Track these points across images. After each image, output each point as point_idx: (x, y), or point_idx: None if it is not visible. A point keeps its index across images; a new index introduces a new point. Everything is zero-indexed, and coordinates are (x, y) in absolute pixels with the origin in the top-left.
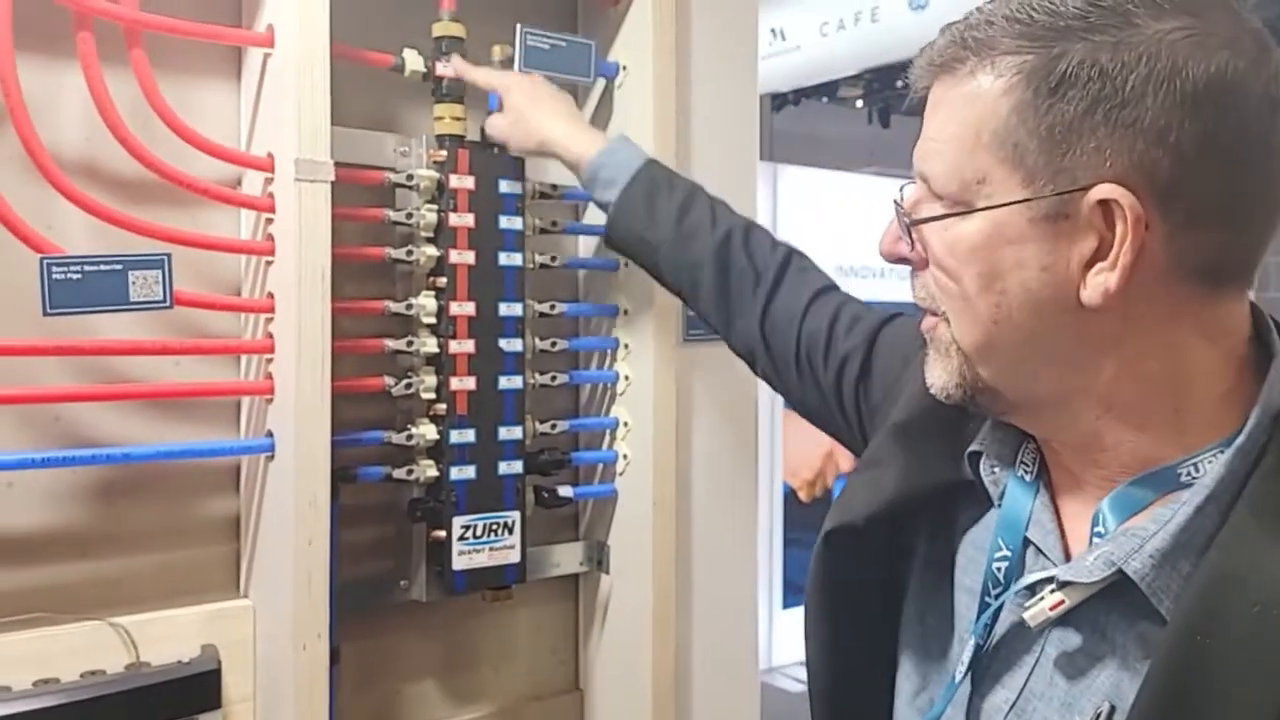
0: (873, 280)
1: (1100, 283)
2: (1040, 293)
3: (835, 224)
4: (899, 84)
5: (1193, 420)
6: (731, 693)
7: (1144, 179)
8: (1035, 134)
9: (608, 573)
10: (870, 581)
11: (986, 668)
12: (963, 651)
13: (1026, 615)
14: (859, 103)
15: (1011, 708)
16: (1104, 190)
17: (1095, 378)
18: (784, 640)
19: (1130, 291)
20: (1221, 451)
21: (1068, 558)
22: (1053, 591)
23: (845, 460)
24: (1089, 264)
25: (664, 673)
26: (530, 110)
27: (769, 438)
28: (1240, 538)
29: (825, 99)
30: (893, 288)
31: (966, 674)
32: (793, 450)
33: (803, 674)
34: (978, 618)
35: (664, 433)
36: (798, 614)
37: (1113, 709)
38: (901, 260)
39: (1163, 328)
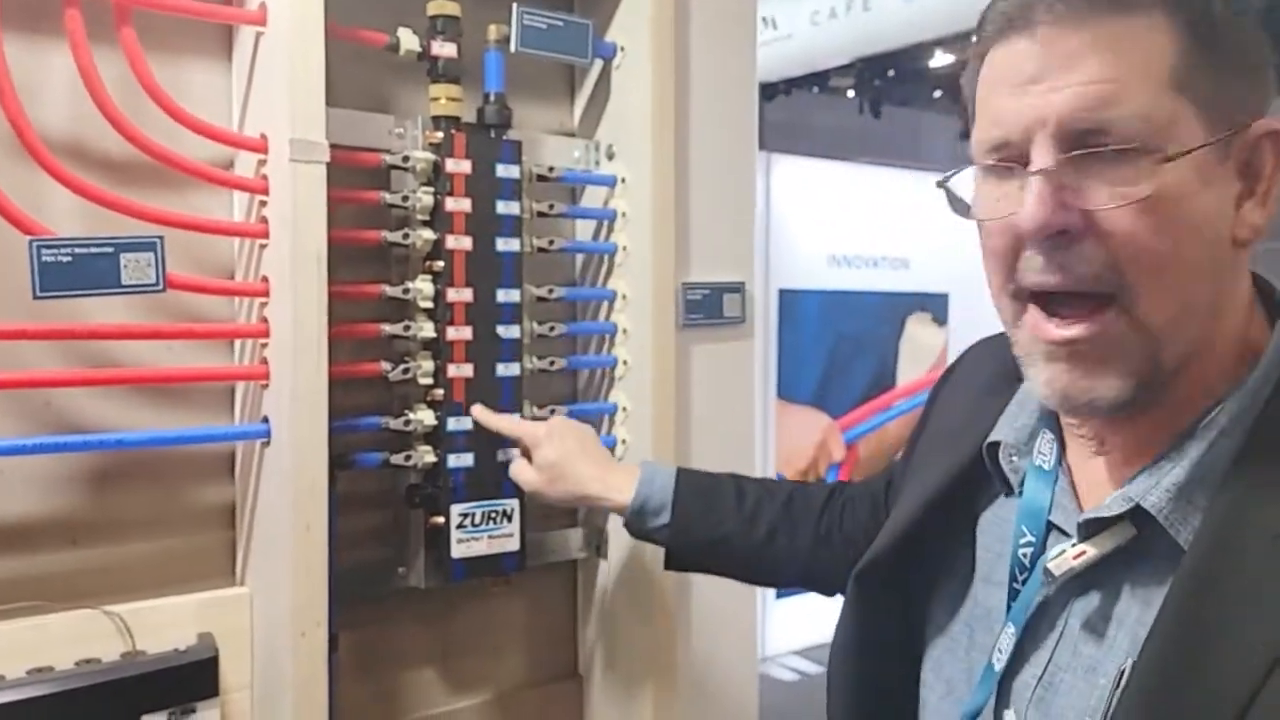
0: (865, 270)
1: (1253, 220)
2: (1217, 239)
3: (828, 213)
4: (890, 73)
5: (1217, 364)
6: (730, 679)
7: (1271, 110)
8: (1207, 74)
9: (606, 559)
10: (895, 613)
11: (1016, 649)
12: (999, 639)
13: (1051, 565)
14: (850, 92)
15: (1039, 682)
16: (1267, 124)
17: (1220, 328)
18: (777, 630)
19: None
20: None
21: None
22: (1075, 544)
23: (838, 450)
24: (1238, 203)
25: (663, 659)
26: (564, 466)
27: (762, 428)
28: (1255, 470)
29: (816, 89)
30: (884, 278)
31: (1007, 659)
32: (786, 440)
33: (797, 663)
34: (1008, 605)
35: (663, 418)
36: (791, 604)
37: (1134, 666)
38: (1060, 232)
39: (1246, 266)
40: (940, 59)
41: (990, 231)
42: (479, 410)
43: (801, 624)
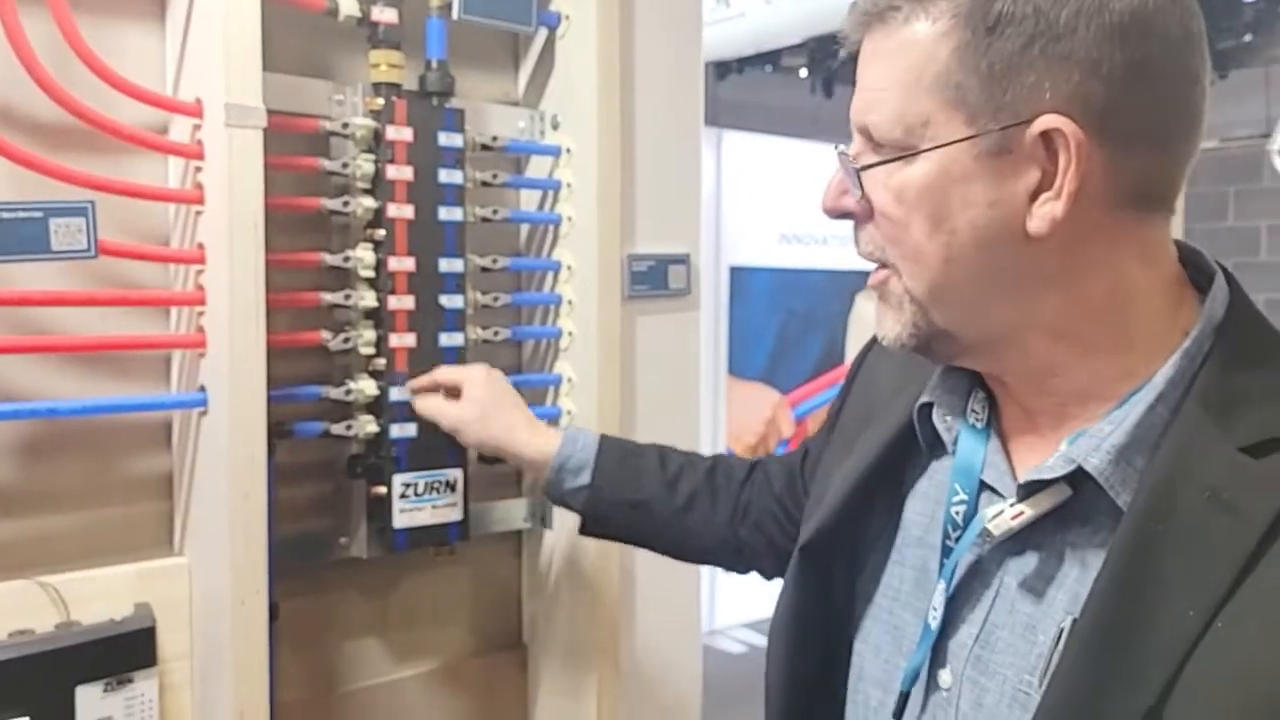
0: (815, 246)
1: (1046, 213)
2: (989, 228)
3: (779, 190)
4: (843, 53)
5: (1139, 337)
6: (674, 650)
7: (1081, 108)
8: (976, 73)
9: (551, 529)
10: (835, 587)
11: (952, 609)
12: (932, 598)
13: (990, 525)
14: (803, 72)
15: (975, 640)
16: (1047, 121)
17: (1044, 307)
18: (726, 602)
19: (1074, 219)
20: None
21: None
22: (1013, 505)
23: (787, 426)
24: (1034, 196)
25: (607, 628)
26: (493, 410)
27: (712, 403)
28: (1189, 431)
29: (769, 68)
30: (834, 254)
31: (941, 617)
32: (736, 416)
33: (743, 635)
34: (941, 564)
35: (608, 389)
36: (739, 577)
37: (1075, 622)
38: (844, 215)
39: (1103, 252)
40: None
41: None
42: (415, 382)
43: (750, 597)
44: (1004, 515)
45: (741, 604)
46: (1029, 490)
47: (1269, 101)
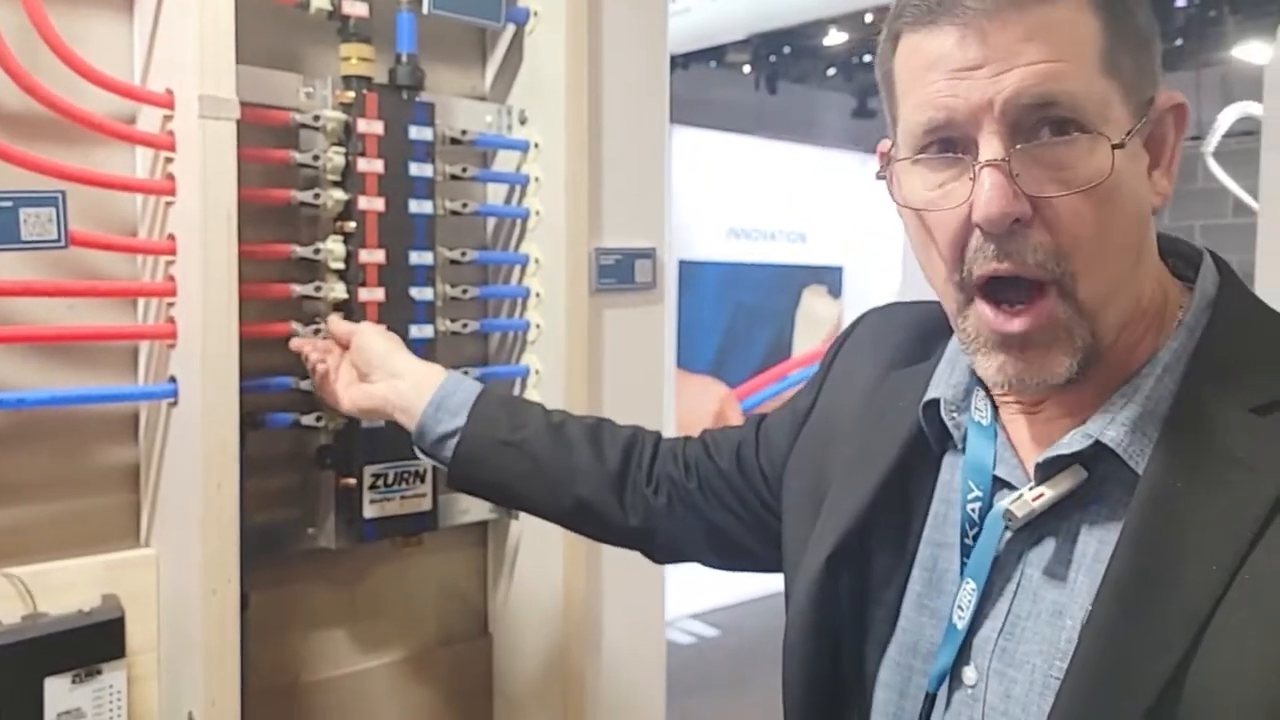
0: (763, 242)
1: (1161, 188)
2: (1141, 209)
3: (726, 185)
4: (786, 50)
5: (1149, 310)
6: (638, 639)
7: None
8: (1128, 51)
9: (517, 519)
10: (853, 593)
11: (974, 607)
12: (958, 597)
13: (1012, 506)
14: (746, 68)
15: (1000, 634)
16: (1172, 96)
17: (1141, 291)
18: (675, 594)
19: None
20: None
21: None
22: (1032, 488)
23: (735, 417)
24: (1149, 173)
25: (572, 618)
26: (383, 352)
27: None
28: (1199, 398)
29: (714, 63)
30: (783, 250)
31: (970, 616)
32: (685, 408)
33: (694, 627)
34: (962, 564)
35: (575, 381)
36: (688, 568)
37: (1096, 596)
38: (1011, 222)
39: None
40: (835, 37)
41: (934, 222)
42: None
43: (699, 588)
44: (1024, 498)
45: (689, 595)
46: (1047, 472)
47: (1200, 105)
